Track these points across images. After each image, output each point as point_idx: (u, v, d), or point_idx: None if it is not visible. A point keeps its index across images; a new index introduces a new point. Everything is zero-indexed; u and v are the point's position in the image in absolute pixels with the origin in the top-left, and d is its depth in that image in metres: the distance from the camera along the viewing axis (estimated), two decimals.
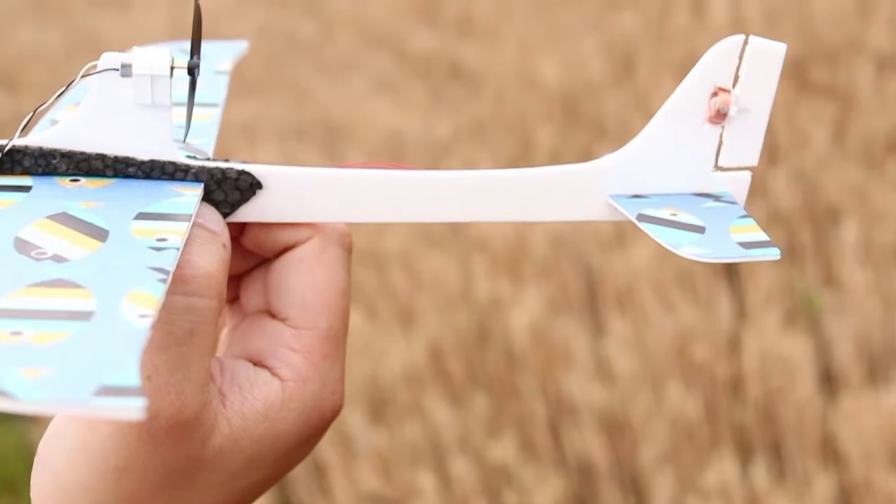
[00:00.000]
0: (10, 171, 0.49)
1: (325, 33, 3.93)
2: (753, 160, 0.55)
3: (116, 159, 0.50)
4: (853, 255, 2.28)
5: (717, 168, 0.55)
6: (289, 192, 0.51)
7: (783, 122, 2.77)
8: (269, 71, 3.58)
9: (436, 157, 2.86)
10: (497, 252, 2.35)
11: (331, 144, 3.01)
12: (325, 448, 1.94)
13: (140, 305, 0.40)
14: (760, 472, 1.86)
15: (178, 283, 0.46)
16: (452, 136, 2.97)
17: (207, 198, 0.50)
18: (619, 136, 2.96)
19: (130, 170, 0.50)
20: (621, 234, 2.37)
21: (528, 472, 1.90)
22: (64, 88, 0.50)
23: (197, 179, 0.50)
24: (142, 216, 0.47)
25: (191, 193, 0.49)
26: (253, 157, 2.88)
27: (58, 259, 0.43)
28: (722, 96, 0.53)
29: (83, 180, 0.49)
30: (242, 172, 0.51)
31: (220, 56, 0.65)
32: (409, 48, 3.66)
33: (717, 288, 2.23)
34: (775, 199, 2.49)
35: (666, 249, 0.50)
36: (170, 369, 0.46)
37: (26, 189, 0.49)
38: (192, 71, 0.50)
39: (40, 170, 0.49)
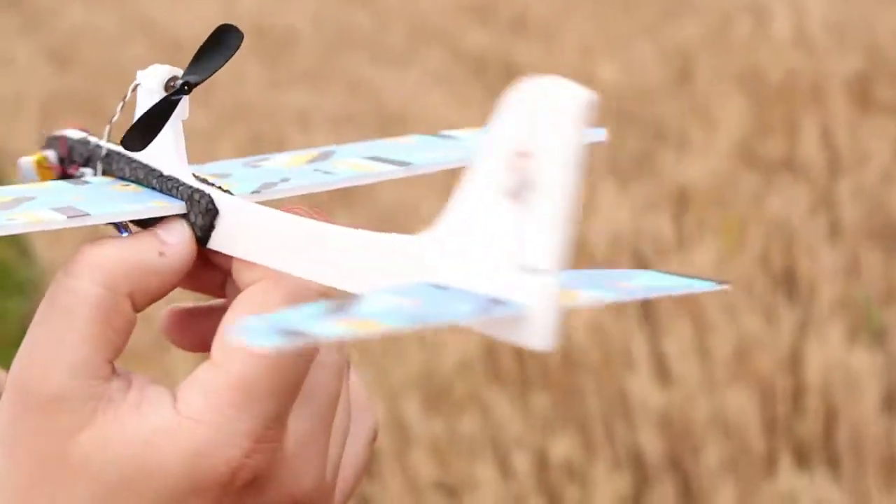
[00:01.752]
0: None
1: (378, 25, 3.91)
2: (554, 261, 0.38)
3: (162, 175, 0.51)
4: None
5: (519, 266, 0.39)
6: (237, 226, 0.50)
7: (846, 139, 2.73)
8: (322, 60, 3.56)
9: None
10: None
11: (386, 134, 2.99)
12: (380, 435, 1.90)
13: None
14: (822, 486, 1.82)
15: (71, 263, 0.48)
16: None
17: (187, 218, 0.51)
18: (676, 142, 2.93)
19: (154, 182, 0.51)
20: (682, 236, 2.34)
21: (589, 470, 1.86)
22: (122, 102, 0.52)
23: (181, 197, 0.51)
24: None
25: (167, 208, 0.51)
26: (308, 142, 2.86)
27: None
28: (521, 162, 0.38)
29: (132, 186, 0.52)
30: (203, 195, 0.50)
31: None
32: (463, 45, 3.63)
33: (778, 298, 2.19)
34: (839, 213, 2.46)
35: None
36: (43, 342, 0.47)
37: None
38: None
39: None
